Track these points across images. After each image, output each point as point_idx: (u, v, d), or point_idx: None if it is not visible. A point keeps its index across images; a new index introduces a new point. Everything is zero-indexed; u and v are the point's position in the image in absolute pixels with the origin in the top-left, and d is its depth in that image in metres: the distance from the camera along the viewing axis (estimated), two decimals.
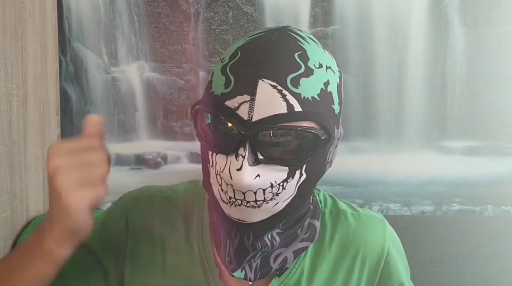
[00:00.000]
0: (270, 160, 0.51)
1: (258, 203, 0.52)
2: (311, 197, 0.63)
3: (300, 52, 0.52)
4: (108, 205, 1.33)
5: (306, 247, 0.62)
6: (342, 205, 0.69)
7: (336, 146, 0.59)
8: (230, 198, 0.52)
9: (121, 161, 1.34)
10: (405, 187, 1.33)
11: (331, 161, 0.59)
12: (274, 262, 0.59)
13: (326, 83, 0.53)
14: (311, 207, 0.63)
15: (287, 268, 0.62)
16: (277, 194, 0.53)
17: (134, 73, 1.33)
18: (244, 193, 0.51)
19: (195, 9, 1.31)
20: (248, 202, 0.52)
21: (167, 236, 0.66)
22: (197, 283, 0.63)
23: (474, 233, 1.20)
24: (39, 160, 1.21)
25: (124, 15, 1.32)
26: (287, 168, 0.52)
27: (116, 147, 1.34)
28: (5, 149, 1.06)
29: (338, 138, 0.58)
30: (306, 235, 0.62)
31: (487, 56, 1.30)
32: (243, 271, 0.58)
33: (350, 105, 1.32)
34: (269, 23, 1.31)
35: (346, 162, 1.32)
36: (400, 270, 0.67)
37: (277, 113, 0.49)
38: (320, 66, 0.53)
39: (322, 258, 0.64)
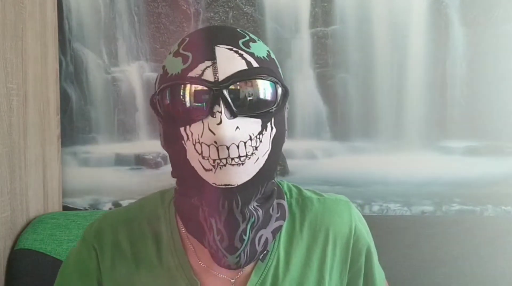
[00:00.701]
0: (244, 112, 0.55)
1: (241, 159, 0.55)
2: (275, 175, 0.66)
3: (239, 29, 0.61)
4: (109, 205, 1.34)
5: (281, 226, 0.65)
6: (307, 192, 0.72)
7: (287, 117, 0.64)
8: (214, 160, 0.55)
9: (121, 161, 1.34)
10: (405, 187, 1.33)
11: (287, 129, 0.64)
12: (258, 244, 0.61)
13: (268, 51, 0.61)
14: (275, 188, 0.66)
15: (268, 251, 0.64)
16: (256, 148, 0.56)
17: (134, 73, 1.33)
18: (228, 148, 0.54)
19: (195, 9, 1.31)
20: (232, 159, 0.54)
21: (140, 258, 0.66)
22: None
23: (474, 233, 1.20)
24: (39, 160, 1.21)
25: (124, 15, 1.32)
26: (259, 120, 0.57)
27: (116, 147, 1.34)
28: (5, 149, 1.06)
29: (287, 107, 0.64)
30: (278, 214, 0.65)
31: (487, 56, 1.30)
32: (238, 257, 0.59)
33: (350, 105, 1.32)
34: (269, 23, 1.31)
35: (346, 162, 1.32)
36: (366, 239, 0.72)
37: (239, 69, 0.55)
38: (259, 40, 0.61)
39: (295, 245, 0.67)
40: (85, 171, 1.34)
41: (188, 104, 0.55)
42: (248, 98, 0.55)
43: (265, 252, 0.63)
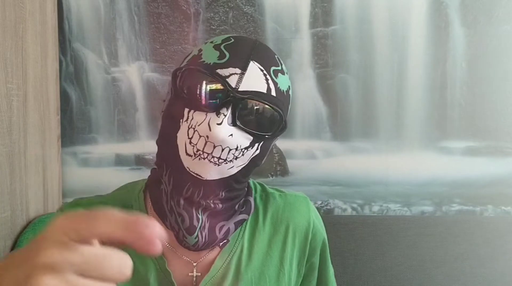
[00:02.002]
0: (244, 126, 0.60)
1: (220, 161, 0.60)
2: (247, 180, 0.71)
3: (277, 56, 0.65)
4: None
5: (245, 220, 0.71)
6: (269, 189, 0.78)
7: (271, 148, 0.69)
8: (198, 150, 0.59)
9: (121, 161, 1.34)
10: (405, 187, 1.33)
11: (266, 156, 0.69)
12: (219, 232, 0.66)
13: (289, 87, 0.66)
14: (246, 189, 0.72)
15: (229, 240, 0.69)
16: (236, 158, 0.61)
17: (134, 73, 1.33)
18: (214, 147, 0.59)
19: (195, 10, 1.31)
20: (213, 157, 0.60)
21: None
22: (147, 277, 0.67)
23: (474, 233, 1.20)
24: (39, 161, 1.21)
25: (124, 15, 1.32)
26: (252, 138, 0.61)
27: (116, 147, 1.34)
28: (5, 149, 1.06)
29: (275, 142, 0.69)
30: (243, 209, 0.70)
31: (487, 56, 1.30)
32: (197, 238, 0.63)
33: (350, 105, 1.32)
34: (269, 23, 1.31)
35: (346, 162, 1.32)
36: (322, 233, 0.77)
37: (259, 90, 0.60)
38: (287, 73, 0.66)
39: (258, 237, 0.72)
40: (85, 171, 1.34)
41: (203, 95, 0.60)
42: (253, 116, 0.61)
43: (225, 241, 0.69)
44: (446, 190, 1.32)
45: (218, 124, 0.57)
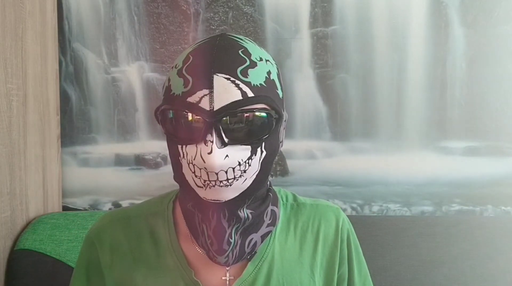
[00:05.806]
0: (235, 141, 0.58)
1: (229, 181, 0.59)
2: (269, 182, 0.71)
3: (243, 49, 0.61)
4: (109, 205, 1.34)
5: (270, 232, 0.71)
6: (301, 198, 0.78)
7: (284, 128, 0.68)
8: (205, 181, 0.59)
9: (121, 161, 1.34)
10: (405, 187, 1.33)
11: (282, 141, 0.68)
12: (247, 247, 0.67)
13: (269, 73, 0.62)
14: (271, 194, 0.71)
15: (256, 252, 0.70)
16: (244, 171, 0.60)
17: (134, 73, 1.33)
18: (217, 174, 0.58)
19: (195, 10, 1.31)
20: (221, 181, 0.59)
21: (138, 255, 0.71)
22: None
23: (474, 233, 1.20)
24: (39, 160, 1.21)
25: (124, 15, 1.32)
26: (249, 146, 0.60)
27: (116, 147, 1.34)
28: (5, 149, 1.06)
29: (285, 120, 0.67)
30: (270, 221, 0.70)
31: (487, 56, 1.30)
32: (227, 258, 0.65)
33: (350, 105, 1.32)
34: (269, 24, 1.31)
35: (346, 162, 1.32)
36: (351, 244, 0.77)
37: (234, 100, 0.57)
38: (261, 59, 0.62)
39: (289, 243, 0.73)
40: (85, 171, 1.34)
41: (184, 128, 0.59)
42: (240, 129, 0.59)
43: (253, 252, 0.69)
44: (446, 190, 1.32)
45: (208, 153, 0.56)
